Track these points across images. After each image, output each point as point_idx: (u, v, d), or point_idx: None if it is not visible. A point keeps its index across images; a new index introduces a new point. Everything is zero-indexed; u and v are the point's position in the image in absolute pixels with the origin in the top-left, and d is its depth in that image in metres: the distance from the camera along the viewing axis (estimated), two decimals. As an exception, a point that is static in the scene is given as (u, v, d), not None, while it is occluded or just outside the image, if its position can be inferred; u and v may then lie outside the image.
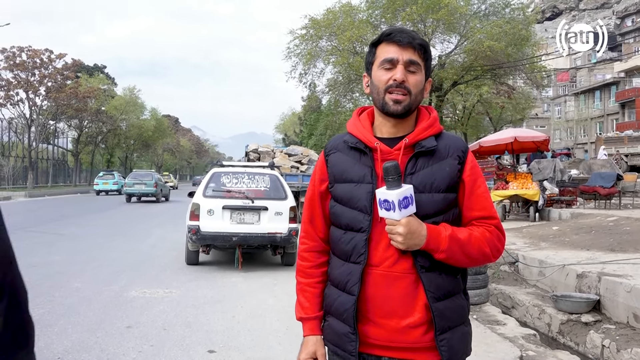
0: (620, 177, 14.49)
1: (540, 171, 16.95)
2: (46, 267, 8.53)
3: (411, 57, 1.66)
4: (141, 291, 7.03)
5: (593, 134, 49.60)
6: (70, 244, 11.49)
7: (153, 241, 12.26)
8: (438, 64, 26.47)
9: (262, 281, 7.94)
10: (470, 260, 1.65)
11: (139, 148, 67.16)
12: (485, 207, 1.70)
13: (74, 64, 44.62)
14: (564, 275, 7.10)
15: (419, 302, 1.62)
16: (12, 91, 40.10)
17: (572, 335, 6.06)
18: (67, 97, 42.14)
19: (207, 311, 6.13)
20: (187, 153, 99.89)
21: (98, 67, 65.80)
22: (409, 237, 1.56)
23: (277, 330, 5.42)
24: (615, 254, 7.81)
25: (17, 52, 39.97)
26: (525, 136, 15.06)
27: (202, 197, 8.72)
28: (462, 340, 1.68)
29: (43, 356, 4.43)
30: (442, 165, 1.67)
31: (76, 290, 7.03)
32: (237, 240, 8.49)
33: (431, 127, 1.71)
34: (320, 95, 33.38)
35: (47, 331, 5.14)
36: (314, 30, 26.61)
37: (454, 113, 39.36)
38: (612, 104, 50.29)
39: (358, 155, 1.73)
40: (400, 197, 1.55)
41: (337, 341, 1.71)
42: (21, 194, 32.45)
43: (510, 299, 7.36)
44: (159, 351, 4.66)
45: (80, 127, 51.16)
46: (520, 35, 25.23)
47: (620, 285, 5.91)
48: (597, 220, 11.15)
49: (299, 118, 63.01)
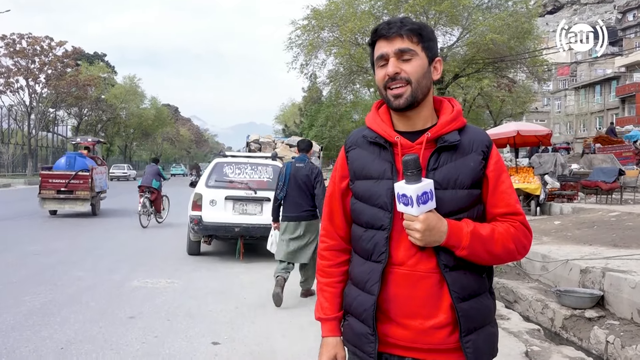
0: (622, 172, 14.44)
1: (541, 165, 16.88)
2: (48, 255, 8.50)
3: (400, 46, 1.59)
4: (143, 281, 6.99)
5: (593, 129, 49.55)
6: (71, 232, 11.45)
7: (153, 231, 12.21)
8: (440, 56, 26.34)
9: (264, 272, 7.88)
10: (493, 257, 1.59)
11: (139, 137, 67.04)
12: (510, 203, 1.64)
13: (74, 51, 44.40)
14: (567, 270, 7.06)
15: (444, 303, 1.57)
16: (12, 78, 39.96)
17: (575, 331, 6.02)
18: (67, 84, 42.02)
19: (210, 302, 6.09)
20: (187, 143, 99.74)
21: (98, 55, 65.55)
22: (427, 233, 1.51)
23: (280, 322, 5.39)
24: (619, 250, 7.78)
25: (17, 39, 39.81)
26: (528, 130, 14.98)
27: (204, 188, 8.67)
28: (488, 341, 1.63)
29: (46, 346, 4.40)
30: (466, 160, 1.61)
31: (78, 279, 6.99)
32: (239, 231, 8.45)
33: (455, 121, 1.65)
34: (321, 86, 33.22)
35: (49, 320, 5.11)
36: (316, 21, 26.44)
37: (454, 106, 39.26)
38: (613, 98, 50.19)
39: (378, 150, 1.67)
40: (419, 192, 1.49)
41: (356, 342, 1.67)
42: (21, 182, 32.37)
43: (513, 293, 7.32)
44: (163, 342, 4.62)
45: (80, 115, 51.04)
46: (523, 29, 25.06)
47: (625, 281, 5.86)
48: (599, 215, 11.11)
49: (299, 109, 62.77)
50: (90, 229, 12.47)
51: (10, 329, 4.82)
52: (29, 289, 6.32)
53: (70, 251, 9.06)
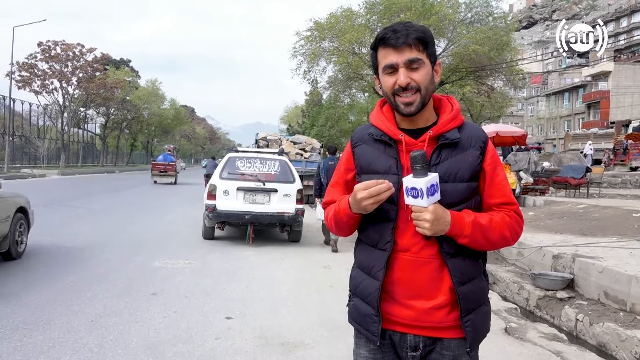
0: (589, 169, 14.40)
1: (516, 162, 16.85)
2: (79, 239, 8.44)
3: (409, 56, 1.51)
4: (164, 262, 6.94)
5: (562, 131, 49.52)
6: (99, 218, 11.38)
7: (172, 217, 12.16)
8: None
9: (271, 255, 7.86)
10: (491, 244, 1.56)
11: (159, 134, 66.73)
12: (505, 193, 1.60)
13: (102, 57, 44.11)
14: (541, 255, 7.02)
15: (444, 285, 1.53)
16: (48, 80, 39.74)
17: (548, 310, 5.99)
18: (96, 87, 41.77)
19: (224, 281, 6.05)
20: (202, 139, 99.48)
21: (124, 60, 65.11)
22: (436, 223, 1.46)
23: (286, 300, 5.35)
24: (586, 238, 7.74)
25: (52, 45, 39.56)
26: (506, 131, 14.91)
27: (218, 179, 8.62)
28: (484, 319, 1.61)
29: (77, 319, 4.36)
30: (466, 155, 1.56)
31: (106, 260, 6.94)
32: (249, 219, 8.40)
33: (455, 120, 1.59)
34: (321, 90, 33.17)
35: (81, 296, 5.06)
36: (317, 33, 26.30)
37: (439, 109, 39.19)
38: (580, 104, 50.19)
39: (383, 147, 1.61)
40: (428, 184, 1.45)
41: (361, 321, 1.63)
42: (54, 172, 32.26)
43: (492, 275, 7.28)
44: (181, 316, 4.58)
45: (107, 114, 50.77)
46: (502, 41, 24.97)
47: (593, 266, 5.82)
48: (568, 207, 11.07)
49: (301, 111, 62.52)
50: (116, 215, 12.41)
51: (46, 303, 4.77)
52: (63, 269, 6.28)
53: (98, 235, 9.00)
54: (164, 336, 4.06)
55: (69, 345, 3.75)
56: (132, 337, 4.00)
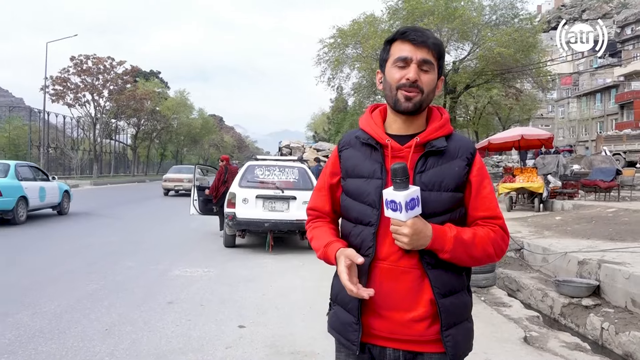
0: (619, 171, 13.92)
1: (544, 166, 16.47)
2: (104, 247, 8.58)
3: (425, 56, 1.49)
4: (183, 270, 6.98)
5: (594, 133, 48.18)
6: (126, 226, 11.59)
7: (195, 225, 12.26)
8: (452, 69, 25.95)
9: (290, 263, 7.82)
10: (473, 260, 1.49)
11: (188, 143, 67.74)
12: (490, 207, 1.53)
13: (132, 70, 45.12)
14: (566, 261, 6.80)
15: (424, 297, 1.46)
16: (80, 93, 40.85)
17: (572, 318, 5.79)
18: (126, 98, 42.74)
19: (241, 289, 6.04)
20: (230, 148, 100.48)
21: (153, 72, 66.53)
22: (414, 237, 1.40)
23: (301, 308, 5.29)
24: (614, 243, 7.46)
25: (84, 59, 40.67)
26: (531, 134, 14.58)
27: (238, 187, 8.65)
28: (466, 336, 1.53)
29: (93, 327, 4.40)
30: (452, 165, 1.51)
31: (127, 268, 7.02)
32: (268, 226, 8.40)
33: (442, 128, 1.55)
34: (346, 97, 33.14)
35: (98, 305, 5.12)
36: (341, 39, 26.37)
37: (466, 113, 38.70)
38: (612, 105, 48.80)
39: (369, 151, 1.57)
40: (407, 198, 1.38)
41: (341, 330, 1.57)
42: (87, 183, 33.04)
43: (516, 282, 7.09)
44: (194, 325, 4.57)
45: (137, 125, 51.79)
46: (528, 43, 24.55)
47: (619, 272, 5.60)
48: (597, 211, 10.72)
49: (327, 117, 62.67)
50: (143, 223, 12.59)
51: (64, 312, 4.84)
52: (85, 277, 6.38)
53: (123, 243, 9.14)
54: (175, 345, 4.05)
55: (81, 354, 3.79)
56: (144, 346, 4.01)
